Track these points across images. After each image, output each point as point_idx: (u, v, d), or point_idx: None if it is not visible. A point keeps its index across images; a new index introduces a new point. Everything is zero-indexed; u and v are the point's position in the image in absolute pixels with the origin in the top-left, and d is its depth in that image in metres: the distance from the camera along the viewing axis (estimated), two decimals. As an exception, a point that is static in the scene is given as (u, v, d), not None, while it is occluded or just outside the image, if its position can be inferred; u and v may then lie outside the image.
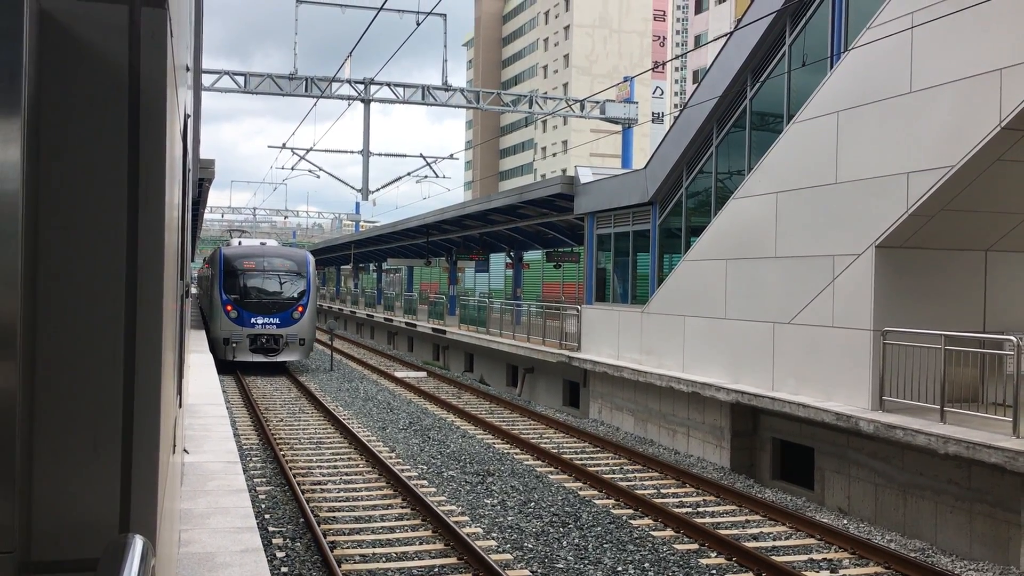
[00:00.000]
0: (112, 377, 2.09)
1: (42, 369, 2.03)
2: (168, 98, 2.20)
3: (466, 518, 11.47)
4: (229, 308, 27.73)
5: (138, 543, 1.73)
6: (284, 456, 14.98)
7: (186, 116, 5.06)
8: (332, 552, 9.72)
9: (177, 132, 3.15)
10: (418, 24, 21.63)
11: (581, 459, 15.42)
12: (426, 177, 41.58)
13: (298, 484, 12.88)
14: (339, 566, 9.32)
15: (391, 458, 15.15)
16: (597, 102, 34.25)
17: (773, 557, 9.83)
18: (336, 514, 11.48)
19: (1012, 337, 10.70)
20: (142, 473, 2.11)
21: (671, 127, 18.78)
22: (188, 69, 5.07)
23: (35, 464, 2.01)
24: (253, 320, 27.74)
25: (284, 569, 9.37)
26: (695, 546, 10.39)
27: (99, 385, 2.08)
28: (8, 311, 1.87)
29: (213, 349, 26.43)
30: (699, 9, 76.65)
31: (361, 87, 30.49)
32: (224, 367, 26.46)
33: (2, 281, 1.85)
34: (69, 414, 2.05)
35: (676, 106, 70.80)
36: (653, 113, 41.84)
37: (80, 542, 2.03)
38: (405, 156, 39.41)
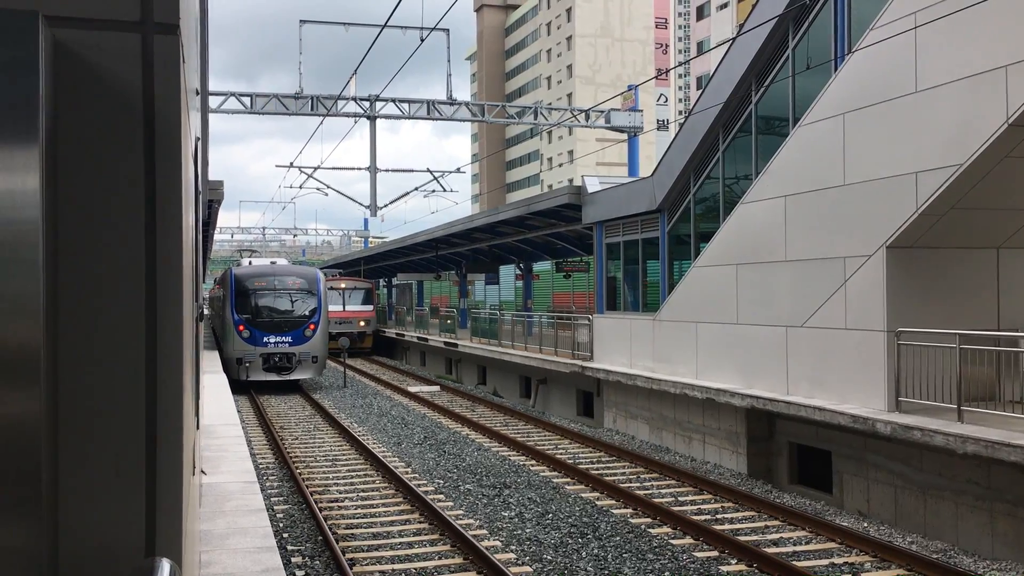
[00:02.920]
0: (134, 400, 2.10)
1: (65, 395, 2.05)
2: (181, 122, 2.22)
3: (484, 531, 11.45)
4: (241, 328, 27.81)
5: (165, 567, 1.74)
6: (301, 474, 14.99)
7: (196, 139, 5.10)
8: (352, 569, 9.71)
9: (190, 155, 3.17)
10: (422, 40, 21.71)
11: (597, 469, 15.38)
12: (434, 191, 41.69)
13: (315, 502, 12.88)
14: (359, 583, 9.31)
15: (407, 473, 15.14)
16: (602, 111, 34.31)
17: (794, 562, 9.78)
18: (354, 531, 11.48)
19: (1027, 334, 10.64)
20: (166, 496, 2.12)
21: (677, 134, 18.80)
22: (197, 92, 5.11)
23: (60, 491, 2.02)
24: (265, 339, 27.81)
25: (304, 588, 9.37)
26: (715, 553, 10.34)
27: (121, 408, 2.09)
28: (31, 339, 1.89)
29: (226, 369, 26.49)
30: (700, 16, 76.78)
31: (367, 104, 30.63)
32: (238, 387, 26.52)
33: (24, 308, 1.87)
34: (92, 439, 2.07)
35: (681, 113, 70.83)
36: (658, 120, 41.88)
37: (106, 567, 2.04)
38: (412, 171, 39.53)
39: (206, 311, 47.87)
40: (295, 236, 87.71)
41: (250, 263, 33.63)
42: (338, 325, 41.39)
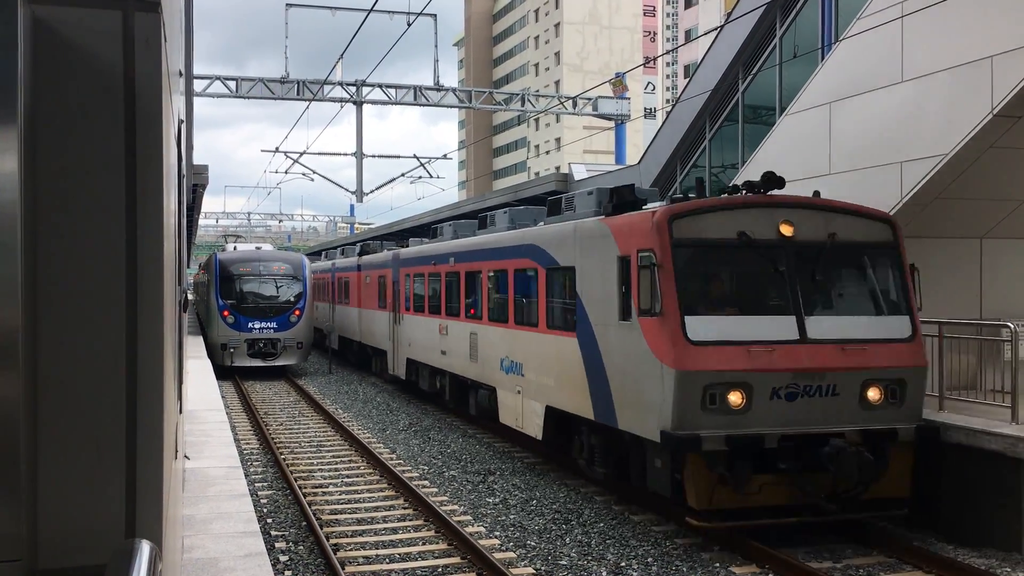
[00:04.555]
0: (114, 383, 2.09)
1: (44, 378, 2.03)
2: (163, 103, 2.20)
3: (468, 517, 11.48)
4: (226, 313, 27.72)
5: (145, 548, 1.73)
6: (285, 460, 14.97)
7: (179, 121, 5.06)
8: (335, 555, 9.72)
9: (172, 137, 3.15)
10: (409, 25, 21.63)
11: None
12: (420, 178, 41.57)
13: (299, 487, 12.87)
14: (343, 568, 9.32)
15: (392, 459, 15.15)
16: (589, 99, 34.27)
17: (768, 548, 9.83)
18: (338, 516, 11.48)
19: (1009, 324, 10.72)
20: (146, 479, 2.11)
21: (663, 122, 18.81)
22: (180, 74, 5.06)
23: (40, 472, 2.01)
24: (250, 325, 27.73)
25: (288, 573, 9.37)
26: (699, 540, 10.40)
27: (102, 392, 2.08)
28: (8, 322, 1.87)
29: (211, 355, 26.39)
30: (689, 4, 76.69)
31: (353, 89, 30.49)
32: (222, 372, 26.44)
33: (2, 291, 1.85)
34: (72, 422, 2.06)
35: (668, 101, 70.76)
36: (645, 108, 41.92)
37: (87, 549, 2.03)
38: (399, 157, 39.40)
39: (190, 296, 47.13)
40: (280, 222, 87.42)
41: (235, 248, 33.48)
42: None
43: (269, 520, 11.30)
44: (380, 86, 30.88)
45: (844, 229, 10.46)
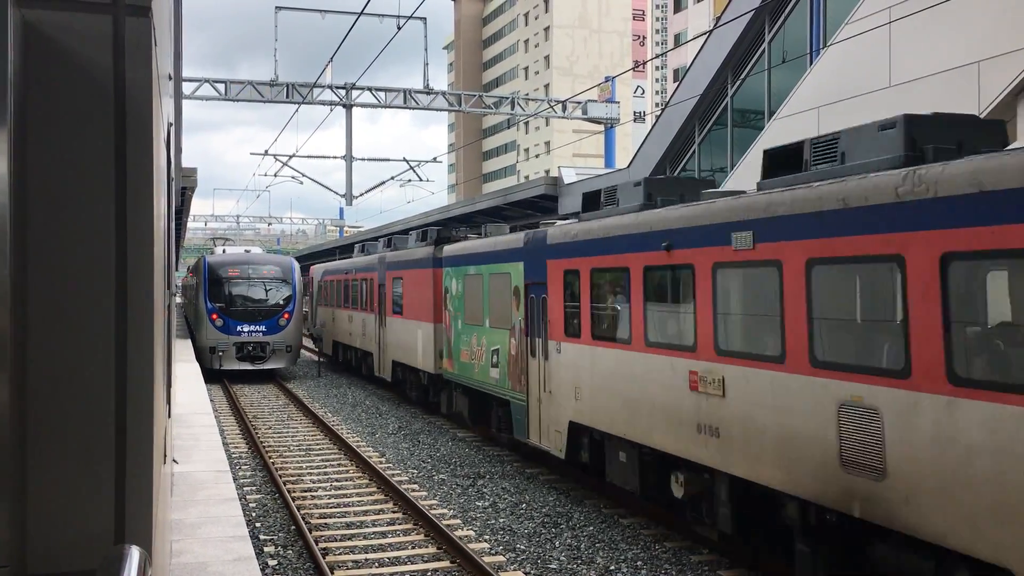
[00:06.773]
0: (104, 387, 2.08)
1: (33, 381, 2.02)
2: (153, 107, 2.20)
3: (458, 521, 11.47)
4: (215, 317, 27.63)
5: (135, 554, 1.72)
6: (274, 464, 14.92)
7: (168, 124, 5.05)
8: (324, 559, 9.69)
9: (162, 140, 3.14)
10: (399, 28, 21.61)
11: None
12: (410, 181, 41.53)
13: (288, 491, 12.84)
14: (332, 572, 9.30)
15: (381, 463, 15.12)
16: (579, 103, 34.35)
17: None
18: (328, 520, 11.45)
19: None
20: (136, 483, 2.10)
21: (653, 126, 18.87)
22: (170, 77, 5.05)
23: (28, 477, 2.00)
24: (239, 328, 27.65)
25: (277, 577, 9.34)
26: (688, 543, 10.42)
27: (91, 396, 2.07)
28: (-3, 324, 1.86)
29: (199, 358, 26.30)
30: (678, 8, 76.96)
31: (343, 92, 30.48)
32: (211, 376, 26.35)
33: (-9, 294, 1.84)
34: (61, 426, 2.05)
35: (657, 105, 70.98)
36: (635, 112, 42.03)
37: (76, 554, 2.02)
38: (388, 160, 39.36)
39: (178, 299, 46.78)
40: (270, 224, 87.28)
41: (224, 251, 33.38)
42: None
43: (258, 524, 11.27)
44: (370, 89, 30.88)
45: None
